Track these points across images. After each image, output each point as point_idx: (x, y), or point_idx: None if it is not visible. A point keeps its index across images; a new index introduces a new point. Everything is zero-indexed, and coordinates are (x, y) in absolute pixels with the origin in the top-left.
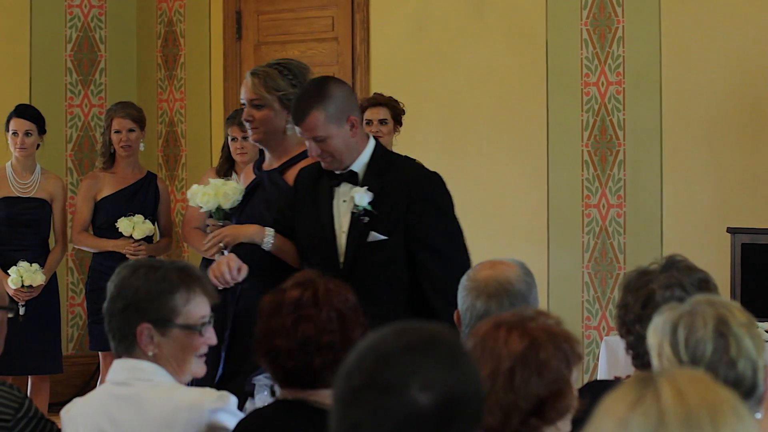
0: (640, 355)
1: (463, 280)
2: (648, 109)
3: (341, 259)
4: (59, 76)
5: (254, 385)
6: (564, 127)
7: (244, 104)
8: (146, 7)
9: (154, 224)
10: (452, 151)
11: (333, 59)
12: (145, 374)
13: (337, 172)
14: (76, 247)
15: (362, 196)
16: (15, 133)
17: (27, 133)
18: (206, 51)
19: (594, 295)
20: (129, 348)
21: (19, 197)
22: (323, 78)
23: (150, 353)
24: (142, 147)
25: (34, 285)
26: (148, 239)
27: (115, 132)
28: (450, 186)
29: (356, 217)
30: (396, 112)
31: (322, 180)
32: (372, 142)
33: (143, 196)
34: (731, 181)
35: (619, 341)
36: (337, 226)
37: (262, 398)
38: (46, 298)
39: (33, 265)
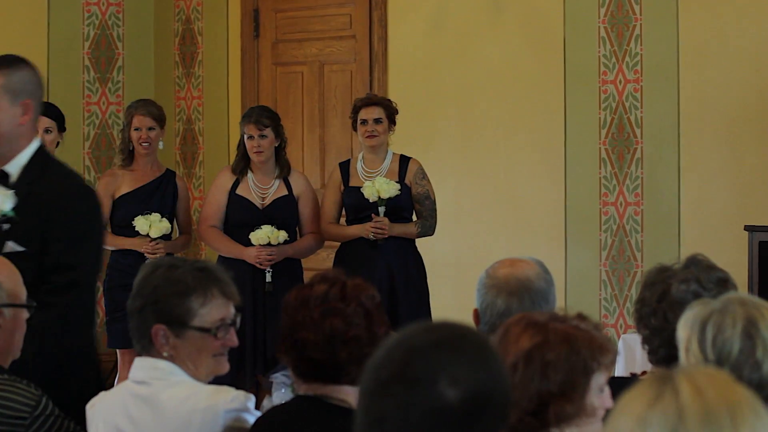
0: (654, 350)
1: (482, 278)
2: (666, 106)
3: None
4: (77, 74)
5: (272, 382)
6: (582, 124)
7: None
8: (164, 4)
9: (171, 222)
10: (470, 148)
11: (351, 57)
12: (162, 373)
13: None
14: None
15: (3, 200)
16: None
17: (47, 131)
18: (224, 49)
19: (611, 293)
20: (146, 347)
21: None
22: (19, 56)
23: (165, 354)
24: (161, 145)
25: None
26: (165, 237)
27: (135, 129)
28: (468, 183)
29: None
30: (390, 111)
31: None
32: (36, 144)
33: (162, 193)
34: (749, 179)
35: (637, 339)
36: None
37: (279, 395)
38: None
39: None
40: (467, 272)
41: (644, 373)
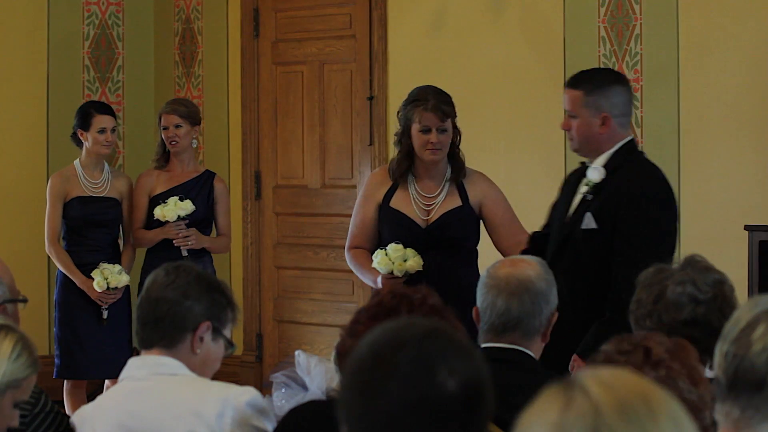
0: None
1: (483, 277)
2: (666, 106)
3: None
4: (77, 74)
5: (272, 382)
6: None
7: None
8: (164, 4)
9: (211, 224)
10: (470, 148)
11: (350, 56)
12: (169, 369)
13: None
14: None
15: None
16: (102, 131)
17: (113, 129)
18: (224, 48)
19: None
20: (173, 340)
21: (92, 197)
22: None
23: (198, 351)
24: (194, 143)
25: (119, 286)
26: (192, 220)
27: (164, 128)
28: None
29: None
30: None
31: None
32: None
33: (196, 193)
34: (749, 179)
35: None
36: None
37: (280, 395)
38: (120, 300)
39: (115, 265)
40: None
41: None
